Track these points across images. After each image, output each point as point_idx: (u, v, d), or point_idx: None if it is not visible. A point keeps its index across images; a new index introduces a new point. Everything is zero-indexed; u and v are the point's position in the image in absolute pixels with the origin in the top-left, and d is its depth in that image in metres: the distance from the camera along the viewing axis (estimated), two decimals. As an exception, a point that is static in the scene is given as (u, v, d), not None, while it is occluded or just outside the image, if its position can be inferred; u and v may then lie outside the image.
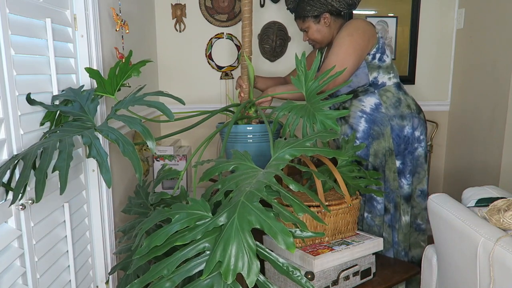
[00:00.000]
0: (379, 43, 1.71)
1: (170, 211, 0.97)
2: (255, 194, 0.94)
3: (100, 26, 1.43)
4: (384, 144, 1.73)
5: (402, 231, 1.77)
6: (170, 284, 0.89)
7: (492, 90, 2.05)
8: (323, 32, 1.77)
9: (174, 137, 2.28)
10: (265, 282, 0.88)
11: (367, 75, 1.71)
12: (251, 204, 0.91)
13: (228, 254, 0.85)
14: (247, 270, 0.83)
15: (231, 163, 1.12)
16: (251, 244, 0.85)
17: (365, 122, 1.74)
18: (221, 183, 1.07)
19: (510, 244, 1.01)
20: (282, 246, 0.84)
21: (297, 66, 1.42)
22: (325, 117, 1.29)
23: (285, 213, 0.91)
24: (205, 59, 2.42)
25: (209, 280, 0.88)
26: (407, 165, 1.75)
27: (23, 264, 1.05)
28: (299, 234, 0.95)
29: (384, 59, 1.73)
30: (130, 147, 0.97)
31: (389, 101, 1.73)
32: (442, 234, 1.30)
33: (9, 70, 1.00)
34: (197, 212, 0.96)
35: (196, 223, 0.94)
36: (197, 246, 0.91)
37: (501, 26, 1.99)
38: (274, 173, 1.03)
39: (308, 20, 1.76)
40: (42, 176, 0.91)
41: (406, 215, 1.77)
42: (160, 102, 1.06)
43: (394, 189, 1.75)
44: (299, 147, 1.10)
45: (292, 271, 0.90)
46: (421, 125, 1.77)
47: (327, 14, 1.73)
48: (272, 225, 0.86)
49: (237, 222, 0.88)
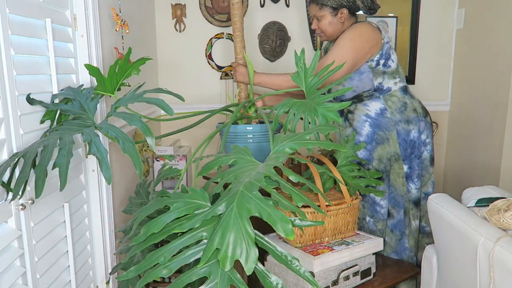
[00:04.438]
0: (383, 49, 1.68)
1: (168, 199, 0.96)
2: (255, 184, 0.93)
3: (100, 26, 1.43)
4: (389, 149, 1.71)
5: (413, 236, 1.75)
6: (166, 271, 0.88)
7: (492, 90, 2.05)
8: (335, 27, 1.72)
9: (174, 137, 2.28)
10: (263, 271, 0.87)
11: (372, 81, 1.70)
12: (250, 193, 0.90)
13: (226, 241, 0.84)
14: (245, 257, 0.82)
15: (231, 157, 1.12)
16: (249, 231, 0.84)
17: (369, 127, 1.72)
18: (220, 176, 1.07)
19: (510, 244, 1.00)
20: (282, 233, 0.83)
21: (296, 63, 1.41)
22: (327, 110, 1.29)
23: (284, 201, 0.91)
24: (205, 59, 2.42)
25: (206, 268, 0.87)
26: (414, 169, 1.74)
27: (23, 264, 1.05)
28: (298, 223, 0.94)
29: (389, 65, 1.71)
30: (130, 143, 0.97)
31: (394, 106, 1.71)
32: (442, 234, 1.30)
33: (9, 70, 1.00)
34: (196, 201, 0.95)
35: (194, 211, 0.93)
36: (195, 235, 0.91)
37: (501, 26, 1.99)
38: (273, 164, 1.02)
39: (325, 9, 1.69)
40: (42, 173, 0.92)
41: (416, 219, 1.75)
42: (159, 98, 1.06)
43: (402, 194, 1.73)
44: (299, 140, 1.10)
45: (290, 260, 0.88)
46: (427, 128, 1.75)
47: (345, 10, 1.68)
48: (271, 213, 0.86)
49: (236, 210, 0.87)
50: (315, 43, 2.42)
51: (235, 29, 1.59)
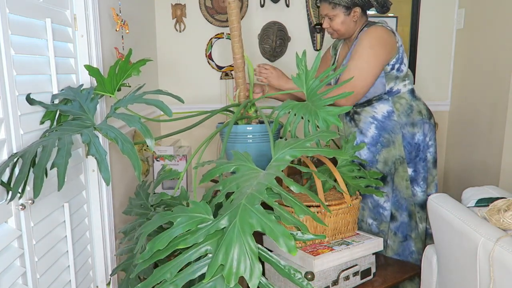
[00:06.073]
0: (398, 53, 1.66)
1: (171, 214, 0.97)
2: (256, 196, 0.94)
3: (100, 26, 1.43)
4: (394, 152, 1.70)
5: (420, 239, 1.74)
6: (173, 287, 0.89)
7: (492, 90, 2.05)
8: (348, 26, 1.69)
9: (174, 137, 2.28)
10: (266, 284, 0.89)
11: (384, 85, 1.68)
12: (252, 207, 0.91)
13: (230, 257, 0.85)
14: (249, 273, 0.84)
15: (232, 164, 1.12)
16: (253, 247, 0.86)
17: (375, 129, 1.71)
18: (222, 184, 1.07)
19: (510, 244, 1.01)
20: (284, 249, 0.84)
21: (297, 65, 1.40)
22: (327, 114, 1.29)
23: (286, 216, 0.92)
24: (205, 59, 2.42)
25: (211, 283, 0.88)
26: (419, 172, 1.73)
27: (23, 264, 1.05)
28: (300, 237, 0.96)
29: (402, 69, 1.69)
30: (129, 145, 0.97)
31: (401, 109, 1.70)
32: (442, 234, 1.30)
33: (9, 70, 0.99)
34: (199, 215, 0.96)
35: (197, 226, 0.94)
36: (199, 249, 0.92)
37: (501, 26, 1.99)
38: (274, 174, 1.03)
39: (338, 8, 1.65)
40: (40, 173, 0.92)
41: (423, 222, 1.75)
42: (159, 100, 1.06)
43: (407, 198, 1.72)
44: (300, 148, 1.10)
45: (293, 273, 0.91)
46: (431, 130, 1.75)
47: (358, 9, 1.66)
48: (273, 228, 0.87)
49: (238, 225, 0.88)
50: (315, 43, 2.42)
51: (233, 29, 1.59)
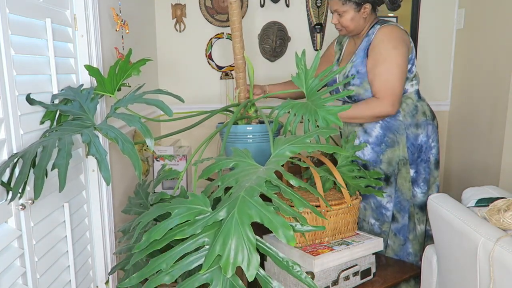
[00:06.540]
0: (412, 53, 1.66)
1: (169, 205, 0.96)
2: (255, 189, 0.93)
3: (100, 26, 1.43)
4: (398, 152, 1.69)
5: (418, 241, 1.74)
6: (169, 278, 0.88)
7: (492, 90, 2.05)
8: (357, 22, 1.66)
9: (174, 137, 2.28)
10: (265, 276, 0.88)
11: None
12: (251, 199, 0.90)
13: (227, 247, 0.84)
14: (247, 263, 0.83)
15: (231, 160, 1.12)
16: (251, 237, 0.85)
17: (380, 129, 1.69)
18: (221, 179, 1.07)
19: (510, 244, 1.01)
20: (283, 240, 0.84)
21: (297, 64, 1.40)
22: (327, 113, 1.28)
23: (285, 207, 0.91)
24: (205, 59, 2.42)
25: (208, 274, 0.88)
26: (420, 174, 1.72)
27: (23, 264, 1.05)
28: (299, 228, 0.95)
29: (413, 70, 1.69)
30: (129, 144, 0.97)
31: (407, 109, 1.69)
32: (442, 234, 1.30)
33: (9, 70, 1.00)
34: (197, 206, 0.96)
35: (195, 217, 0.93)
36: (197, 241, 0.91)
37: (501, 26, 1.98)
38: (274, 169, 1.02)
39: (348, 4, 1.62)
40: (41, 174, 0.92)
41: (422, 224, 1.74)
42: (159, 100, 1.06)
43: (408, 199, 1.72)
44: (299, 144, 1.10)
45: (292, 266, 0.89)
46: (434, 131, 1.74)
47: (368, 5, 1.63)
48: (272, 219, 0.86)
49: (237, 216, 0.88)
50: (315, 43, 2.43)
51: (234, 29, 1.59)
